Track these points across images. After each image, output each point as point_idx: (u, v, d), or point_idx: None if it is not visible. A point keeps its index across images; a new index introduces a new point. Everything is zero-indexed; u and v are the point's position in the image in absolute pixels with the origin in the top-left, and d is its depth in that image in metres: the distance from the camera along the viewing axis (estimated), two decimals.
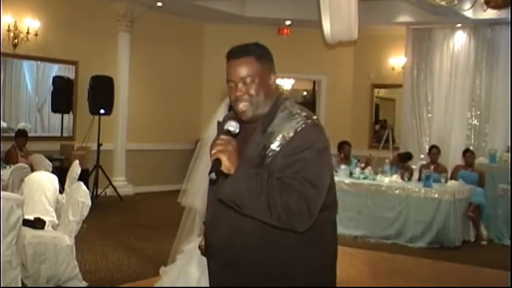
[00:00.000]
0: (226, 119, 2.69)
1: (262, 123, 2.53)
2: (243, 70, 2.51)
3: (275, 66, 2.67)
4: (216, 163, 2.35)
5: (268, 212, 2.35)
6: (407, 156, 10.50)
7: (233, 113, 2.65)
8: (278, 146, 2.45)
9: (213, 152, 2.38)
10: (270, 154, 2.45)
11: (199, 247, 2.79)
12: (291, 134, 2.44)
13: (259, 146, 2.48)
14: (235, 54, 2.54)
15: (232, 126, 2.50)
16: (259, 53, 2.55)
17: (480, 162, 10.31)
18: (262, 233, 2.46)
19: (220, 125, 2.71)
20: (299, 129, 2.44)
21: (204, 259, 2.82)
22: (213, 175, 2.34)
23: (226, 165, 2.35)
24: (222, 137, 2.44)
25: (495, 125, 11.86)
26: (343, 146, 10.44)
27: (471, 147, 11.00)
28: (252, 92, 2.52)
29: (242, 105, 2.53)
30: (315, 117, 2.55)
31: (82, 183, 5.92)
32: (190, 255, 4.49)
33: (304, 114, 2.52)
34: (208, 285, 2.76)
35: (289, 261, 2.51)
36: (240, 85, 2.52)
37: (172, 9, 12.24)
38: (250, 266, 2.52)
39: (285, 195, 2.33)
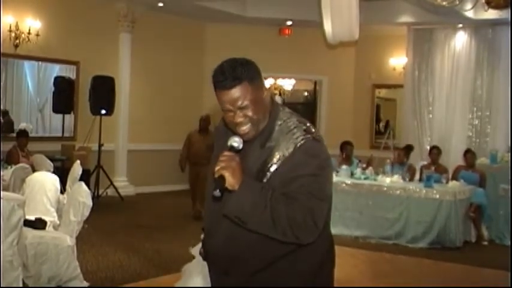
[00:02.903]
0: (222, 129, 2.65)
1: (260, 137, 2.49)
2: (238, 99, 2.39)
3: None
4: (220, 180, 2.33)
5: (273, 226, 2.34)
6: (411, 148, 10.67)
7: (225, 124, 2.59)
8: (278, 162, 2.42)
9: (217, 168, 2.36)
10: (270, 170, 2.43)
11: (200, 253, 2.80)
12: (291, 150, 2.41)
13: (259, 161, 2.46)
14: (226, 84, 2.38)
15: (236, 142, 2.45)
16: (249, 76, 2.41)
17: (481, 163, 10.29)
18: (258, 242, 2.45)
19: (219, 133, 2.70)
20: (299, 144, 2.41)
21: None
22: (217, 192, 2.32)
23: (230, 181, 2.33)
24: (226, 153, 2.41)
25: (496, 125, 11.87)
26: (345, 146, 10.48)
27: (472, 148, 10.97)
28: (250, 114, 2.42)
29: (244, 129, 2.46)
30: (314, 129, 2.51)
31: (83, 184, 5.92)
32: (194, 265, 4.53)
33: (303, 128, 2.48)
34: None
35: (285, 268, 2.51)
36: (237, 112, 2.42)
37: (173, 9, 12.24)
38: (248, 275, 2.53)
39: (290, 210, 2.32)
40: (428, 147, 11.61)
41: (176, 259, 6.91)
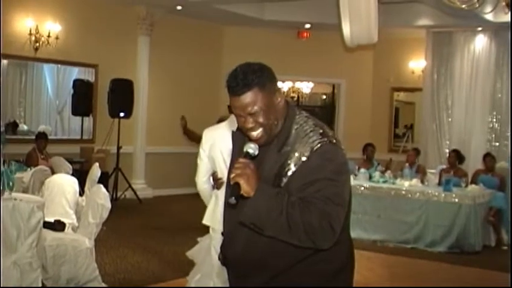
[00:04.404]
0: (239, 134, 2.65)
1: (277, 142, 2.49)
2: (249, 105, 2.41)
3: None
4: (236, 187, 2.34)
5: (289, 232, 2.33)
6: (418, 151, 10.82)
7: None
8: (295, 166, 2.42)
9: (232, 176, 2.36)
10: (287, 174, 2.43)
11: (219, 258, 2.81)
12: (307, 154, 2.41)
13: (276, 166, 2.46)
14: (237, 90, 2.40)
15: (251, 148, 2.46)
16: (261, 82, 2.41)
17: (501, 166, 10.20)
18: (276, 247, 2.44)
19: (235, 136, 2.70)
20: (315, 148, 2.41)
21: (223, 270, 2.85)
22: (233, 199, 2.33)
23: (245, 188, 2.33)
24: (240, 160, 2.42)
25: None
26: (366, 147, 10.68)
27: (492, 151, 10.87)
28: (262, 120, 2.43)
29: (256, 134, 2.47)
30: (330, 133, 2.50)
31: (102, 186, 5.96)
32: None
33: (319, 131, 2.47)
34: None
35: (305, 271, 2.51)
36: (248, 118, 2.44)
37: (192, 12, 12.27)
38: (268, 278, 2.53)
39: (307, 215, 2.31)
40: (447, 151, 11.53)
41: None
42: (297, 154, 2.42)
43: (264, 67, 2.47)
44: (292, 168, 2.42)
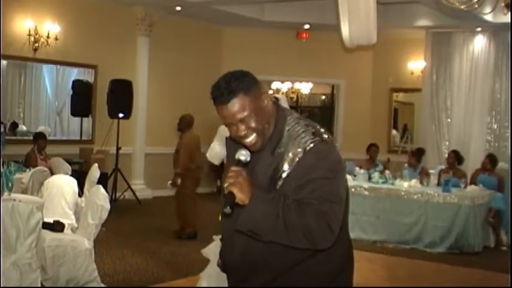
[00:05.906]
0: (231, 142, 2.63)
1: (270, 144, 2.48)
2: (237, 113, 2.39)
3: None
4: (230, 197, 2.33)
5: (287, 236, 2.34)
6: (421, 153, 10.68)
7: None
8: (289, 168, 2.41)
9: (225, 185, 2.36)
10: (282, 176, 2.42)
11: (218, 264, 2.81)
12: (301, 155, 2.40)
13: (270, 169, 2.45)
14: (222, 99, 2.39)
15: (243, 155, 2.45)
16: (245, 86, 2.40)
17: (500, 167, 10.19)
18: (274, 249, 2.44)
19: (229, 143, 2.68)
20: (308, 148, 2.40)
21: (222, 275, 2.85)
22: (228, 209, 2.32)
23: (240, 197, 2.33)
24: (233, 168, 2.41)
25: None
26: (370, 147, 10.75)
27: (491, 152, 10.87)
28: (254, 125, 2.42)
29: (250, 140, 2.45)
30: (323, 131, 2.50)
31: (101, 187, 5.95)
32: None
33: (312, 131, 2.46)
34: None
35: (304, 272, 2.51)
36: (239, 125, 2.42)
37: (191, 13, 12.27)
38: (268, 282, 2.53)
39: (303, 217, 2.31)
40: (446, 151, 11.53)
41: (193, 263, 6.93)
42: (290, 155, 2.42)
43: (245, 73, 2.46)
44: (287, 169, 2.42)
